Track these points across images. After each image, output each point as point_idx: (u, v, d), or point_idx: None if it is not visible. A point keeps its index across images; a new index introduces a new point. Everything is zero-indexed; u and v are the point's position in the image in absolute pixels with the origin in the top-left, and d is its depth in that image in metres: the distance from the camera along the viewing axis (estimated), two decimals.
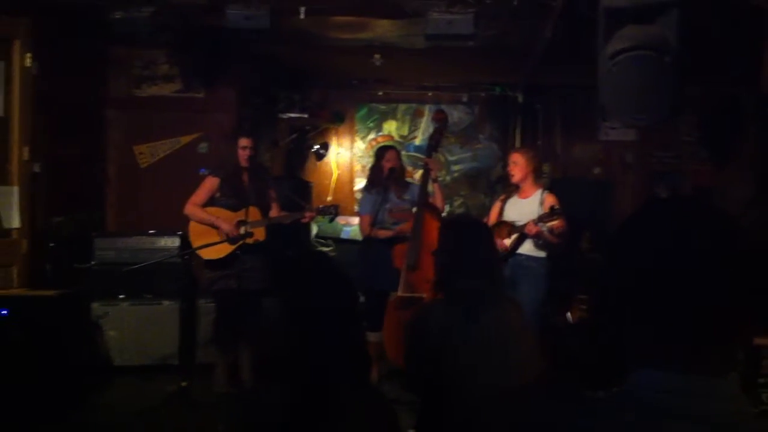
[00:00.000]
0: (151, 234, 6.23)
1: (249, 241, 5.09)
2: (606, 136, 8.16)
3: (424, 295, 4.94)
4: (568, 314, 6.41)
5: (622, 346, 1.16)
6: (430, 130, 6.70)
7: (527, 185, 5.34)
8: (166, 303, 5.94)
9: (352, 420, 1.92)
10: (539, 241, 5.07)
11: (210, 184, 5.27)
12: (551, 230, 4.95)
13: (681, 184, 7.54)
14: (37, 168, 5.70)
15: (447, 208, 7.89)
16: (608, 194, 7.72)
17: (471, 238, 3.02)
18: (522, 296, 4.77)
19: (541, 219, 4.92)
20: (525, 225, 5.02)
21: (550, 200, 5.12)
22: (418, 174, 5.62)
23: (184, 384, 5.28)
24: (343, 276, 2.21)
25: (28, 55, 5.53)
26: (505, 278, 5.02)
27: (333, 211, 5.39)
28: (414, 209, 5.40)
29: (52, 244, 5.83)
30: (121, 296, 5.95)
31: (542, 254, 5.15)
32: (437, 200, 5.54)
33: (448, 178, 8.68)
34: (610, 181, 8.04)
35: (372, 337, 5.40)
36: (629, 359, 1.13)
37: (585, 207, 6.84)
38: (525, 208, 5.18)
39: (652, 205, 1.27)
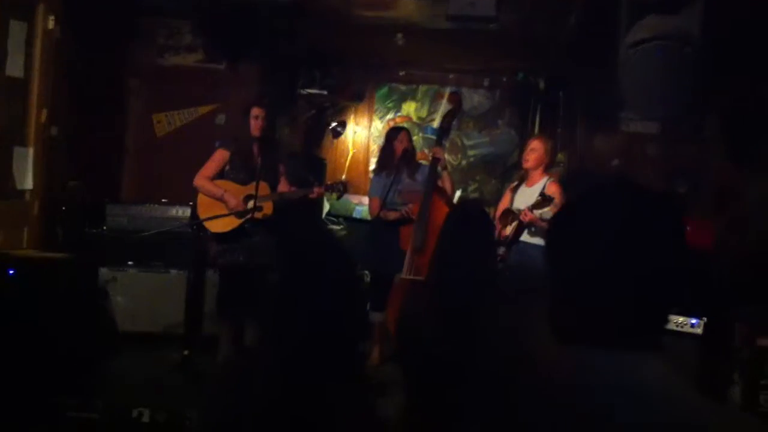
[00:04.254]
0: (164, 203, 6.25)
1: (257, 215, 5.07)
2: (627, 128, 8.04)
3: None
4: None
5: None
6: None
7: (536, 173, 5.28)
8: (174, 272, 5.96)
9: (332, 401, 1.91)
10: (532, 228, 5.02)
11: (220, 156, 5.25)
12: (546, 218, 4.90)
13: (701, 181, 7.43)
14: (54, 131, 5.72)
15: (460, 192, 7.84)
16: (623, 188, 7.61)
17: (466, 227, 3.01)
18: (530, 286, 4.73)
19: (534, 206, 4.87)
20: (521, 212, 4.98)
21: (552, 189, 5.04)
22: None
23: (186, 353, 5.29)
24: (343, 254, 2.19)
25: (52, 17, 5.53)
26: (513, 265, 5.03)
27: (341, 188, 5.36)
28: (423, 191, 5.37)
29: (64, 208, 5.86)
30: (130, 263, 5.97)
31: (542, 242, 5.10)
32: (446, 185, 5.50)
33: (463, 162, 8.62)
34: (629, 173, 7.93)
35: (376, 317, 5.40)
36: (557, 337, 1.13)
37: (597, 200, 6.74)
38: (529, 196, 5.12)
39: (594, 192, 1.26)
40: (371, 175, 6.63)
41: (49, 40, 5.55)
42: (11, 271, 4.56)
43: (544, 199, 4.81)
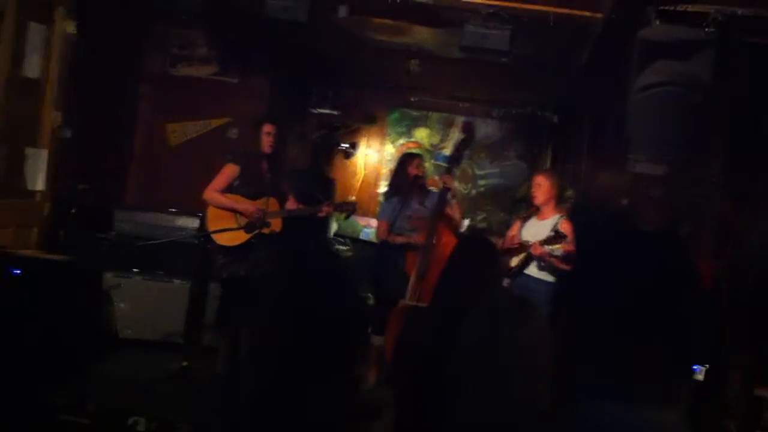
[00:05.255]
0: (171, 212, 6.30)
1: (265, 231, 5.11)
2: (634, 168, 8.07)
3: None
4: None
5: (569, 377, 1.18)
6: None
7: (548, 208, 5.31)
8: (177, 282, 5.99)
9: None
10: (542, 263, 5.05)
11: (230, 171, 5.28)
12: (555, 254, 4.93)
13: (703, 224, 7.45)
14: (67, 134, 5.78)
15: (467, 222, 7.87)
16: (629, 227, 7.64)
17: (470, 257, 3.06)
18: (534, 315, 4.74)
19: (546, 242, 4.90)
20: (531, 245, 5.00)
21: (564, 227, 5.07)
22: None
23: (185, 363, 5.32)
24: (347, 275, 2.23)
25: (71, 21, 5.62)
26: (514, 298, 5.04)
27: (350, 207, 5.39)
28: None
29: (72, 211, 5.92)
30: (134, 270, 6.01)
31: (549, 279, 5.13)
32: (455, 212, 5.54)
33: (473, 191, 8.67)
34: (633, 213, 7.95)
35: (376, 340, 5.41)
36: (576, 389, 1.15)
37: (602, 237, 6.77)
38: (540, 230, 5.14)
39: (612, 242, 1.30)
40: (381, 198, 6.67)
41: (66, 44, 5.64)
42: (17, 271, 4.61)
43: (557, 236, 4.84)
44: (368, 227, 8.00)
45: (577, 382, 1.19)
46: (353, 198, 8.00)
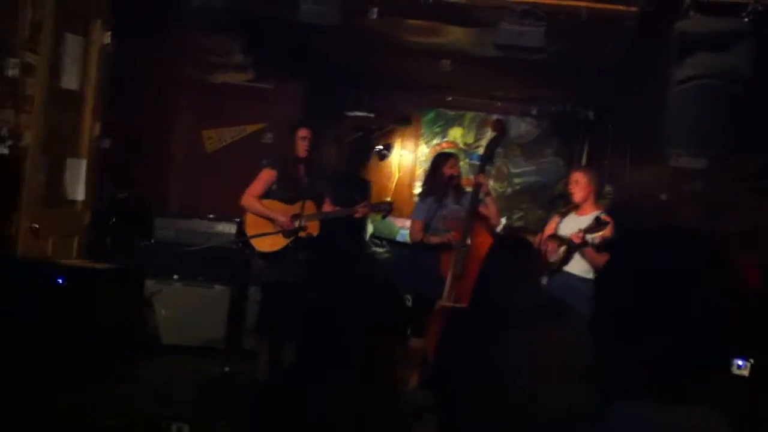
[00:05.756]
0: (210, 218, 6.36)
1: (302, 235, 5.13)
2: (676, 163, 7.94)
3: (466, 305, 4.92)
4: None
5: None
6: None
7: (587, 205, 5.26)
8: (217, 287, 6.05)
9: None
10: (581, 255, 4.99)
11: (267, 176, 5.31)
12: (594, 243, 4.86)
13: (746, 219, 7.30)
14: (107, 144, 5.87)
15: (504, 221, 7.82)
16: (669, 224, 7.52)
17: (507, 256, 3.05)
18: (573, 316, 4.69)
19: (588, 230, 4.84)
20: (572, 235, 4.95)
21: (605, 218, 5.00)
22: None
23: (227, 369, 5.36)
24: (388, 284, 2.24)
25: (108, 33, 5.70)
26: (553, 297, 4.99)
27: (386, 207, 5.39)
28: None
29: (114, 219, 6.01)
30: (175, 276, 6.08)
31: (589, 276, 5.07)
32: (491, 212, 5.50)
33: (509, 190, 8.62)
34: (674, 208, 7.83)
35: (415, 342, 5.39)
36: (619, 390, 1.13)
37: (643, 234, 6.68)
38: (578, 224, 5.08)
39: (647, 239, 1.27)
40: (416, 199, 6.66)
41: (103, 55, 5.73)
42: (60, 280, 4.69)
43: (599, 223, 4.78)
44: (404, 228, 7.99)
45: (620, 382, 1.17)
46: (389, 199, 8.01)
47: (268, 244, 5.17)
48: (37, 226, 5.05)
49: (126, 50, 5.87)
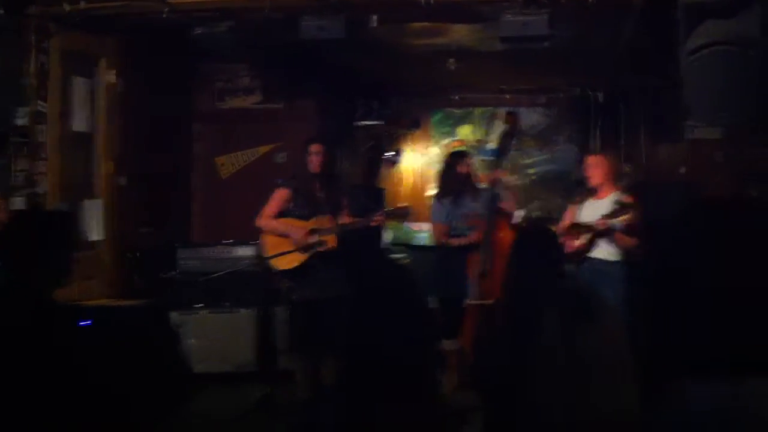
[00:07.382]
0: (229, 244, 6.35)
1: (321, 249, 5.10)
2: (692, 135, 7.85)
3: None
4: None
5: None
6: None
7: (606, 187, 5.20)
8: (243, 311, 6.03)
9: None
10: (611, 239, 4.92)
11: (280, 195, 5.28)
12: (618, 227, 4.79)
13: None
14: (122, 181, 5.88)
15: (522, 212, 7.75)
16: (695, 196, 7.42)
17: (531, 248, 3.01)
18: (605, 303, 4.62)
19: (611, 215, 4.78)
20: (595, 222, 4.89)
21: (626, 200, 4.93)
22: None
23: (269, 390, 5.34)
24: (416, 291, 2.20)
25: (113, 72, 5.72)
26: (584, 284, 4.93)
27: (403, 212, 5.36)
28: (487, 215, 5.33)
29: (137, 254, 6.01)
30: (200, 305, 6.06)
31: (617, 258, 5.01)
32: (509, 206, 5.46)
33: (525, 181, 8.56)
34: (697, 181, 7.73)
35: (448, 345, 5.35)
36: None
37: (670, 209, 6.60)
38: (600, 209, 5.01)
39: (699, 212, 1.22)
40: (430, 201, 6.61)
41: (112, 94, 5.74)
42: (88, 322, 4.66)
43: (621, 207, 4.72)
44: (420, 232, 7.96)
45: (675, 364, 1.12)
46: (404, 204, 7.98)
47: (288, 262, 5.14)
48: None
49: (135, 87, 5.90)
